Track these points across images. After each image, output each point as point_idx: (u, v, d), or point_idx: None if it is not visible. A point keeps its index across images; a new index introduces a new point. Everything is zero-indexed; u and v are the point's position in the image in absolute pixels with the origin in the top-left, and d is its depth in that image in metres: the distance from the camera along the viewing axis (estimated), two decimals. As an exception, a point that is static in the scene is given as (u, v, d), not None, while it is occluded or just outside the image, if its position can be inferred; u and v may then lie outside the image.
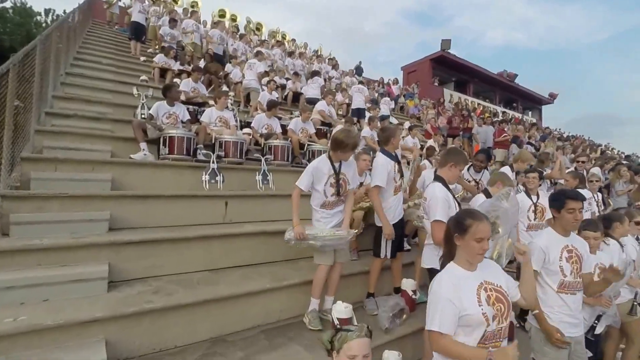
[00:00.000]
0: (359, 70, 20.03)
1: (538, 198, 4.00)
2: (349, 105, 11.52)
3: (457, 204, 2.73)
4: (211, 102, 7.52)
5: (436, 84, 22.99)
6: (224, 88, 9.53)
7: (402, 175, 3.70)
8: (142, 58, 10.14)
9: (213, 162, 4.90)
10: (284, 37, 16.70)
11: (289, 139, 6.80)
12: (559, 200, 2.45)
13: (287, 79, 11.30)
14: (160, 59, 8.86)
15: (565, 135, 20.50)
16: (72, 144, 4.89)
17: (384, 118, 10.96)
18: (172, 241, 3.49)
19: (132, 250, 3.28)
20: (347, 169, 3.40)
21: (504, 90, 27.31)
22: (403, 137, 9.02)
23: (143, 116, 6.31)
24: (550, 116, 32.34)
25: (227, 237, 3.81)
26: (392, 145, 3.72)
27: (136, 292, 2.94)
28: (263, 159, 5.44)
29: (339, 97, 11.59)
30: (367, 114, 10.64)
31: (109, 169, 4.53)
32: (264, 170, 5.37)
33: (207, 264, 3.66)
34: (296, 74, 10.96)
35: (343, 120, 9.80)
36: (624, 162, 11.61)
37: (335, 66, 14.01)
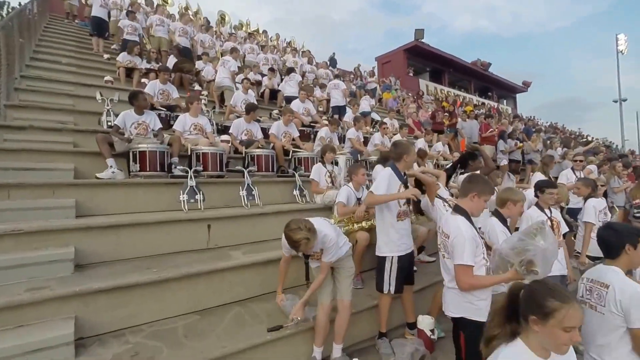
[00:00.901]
0: (332, 62, 19.55)
1: (551, 212, 3.74)
2: (329, 101, 11.09)
3: (483, 241, 2.40)
4: (183, 103, 6.99)
5: (411, 74, 22.82)
6: (196, 87, 8.94)
7: (408, 201, 3.32)
8: (106, 56, 9.34)
9: (191, 179, 4.41)
10: (256, 31, 15.97)
11: (271, 144, 6.36)
12: (637, 235, 2.15)
13: (262, 75, 10.75)
14: (124, 58, 8.14)
15: (540, 123, 20.73)
16: (28, 163, 4.29)
17: (365, 115, 10.61)
18: (150, 285, 3.02)
19: (104, 299, 2.81)
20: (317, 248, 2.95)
21: (479, 80, 27.50)
22: (392, 136, 8.71)
23: (109, 123, 5.73)
24: (520, 103, 32.80)
25: (214, 273, 3.36)
26: (404, 163, 3.30)
27: (110, 356, 2.48)
28: (246, 172, 4.98)
29: (318, 92, 11.14)
30: (348, 110, 10.30)
31: (73, 192, 4.00)
32: (248, 184, 4.92)
33: (193, 305, 3.23)
34: (272, 69, 10.40)
35: (324, 117, 9.44)
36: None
37: (310, 59, 13.48)
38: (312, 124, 8.40)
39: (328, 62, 17.68)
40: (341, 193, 4.39)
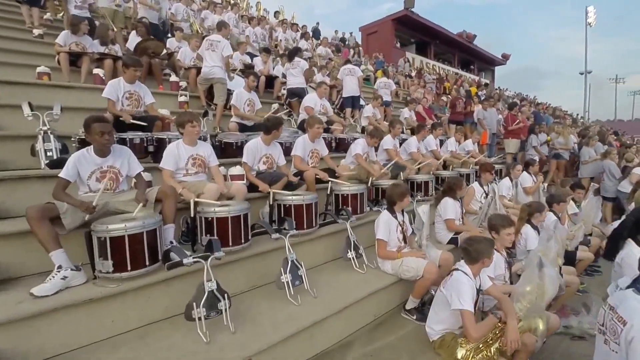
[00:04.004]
0: (316, 33, 17.41)
1: None
2: (332, 87, 9.08)
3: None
4: (163, 111, 4.87)
5: (398, 46, 20.91)
6: (172, 77, 6.67)
7: None
8: (37, 31, 6.77)
9: (210, 280, 2.49)
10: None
11: (299, 174, 4.47)
12: None
13: (251, 55, 8.53)
14: (66, 39, 5.68)
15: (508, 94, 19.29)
16: None
17: (386, 105, 8.76)
18: None
19: None
20: None
21: (462, 52, 25.99)
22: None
23: (50, 154, 3.60)
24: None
25: None
26: None
27: None
28: (287, 240, 3.10)
29: (319, 77, 9.12)
30: (362, 102, 8.44)
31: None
32: (293, 261, 3.07)
33: None
34: (266, 50, 8.19)
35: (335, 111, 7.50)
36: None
37: (305, 35, 11.23)
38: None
39: (311, 33, 15.57)
40: (461, 291, 2.63)
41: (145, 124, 4.28)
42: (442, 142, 7.84)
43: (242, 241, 3.12)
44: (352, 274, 3.62)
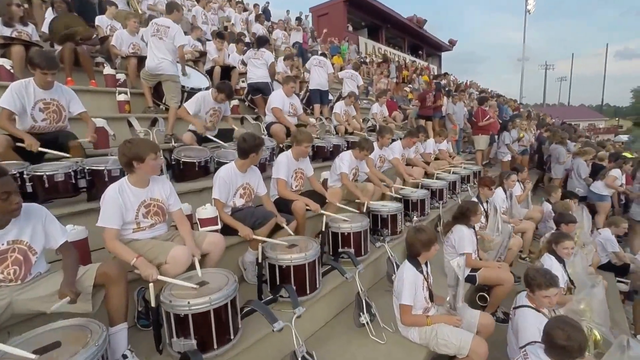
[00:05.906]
0: (266, 14, 16.00)
1: None
2: (295, 77, 8.02)
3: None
4: (98, 121, 3.66)
5: (350, 30, 20.01)
6: (107, 69, 5.25)
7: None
8: None
9: None
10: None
11: (281, 202, 3.53)
12: None
13: (200, 40, 7.21)
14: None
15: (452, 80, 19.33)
16: None
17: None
18: None
19: None
20: None
21: (412, 37, 25.71)
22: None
23: None
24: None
25: None
26: None
27: None
28: (293, 328, 2.20)
29: (280, 65, 8.02)
30: (330, 97, 7.54)
31: None
32: (304, 357, 2.19)
33: None
34: (220, 35, 6.88)
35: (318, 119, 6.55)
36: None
37: (259, 17, 9.93)
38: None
39: (263, 14, 14.19)
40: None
41: (67, 155, 3.09)
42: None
43: (231, 336, 2.14)
44: (369, 347, 2.79)
